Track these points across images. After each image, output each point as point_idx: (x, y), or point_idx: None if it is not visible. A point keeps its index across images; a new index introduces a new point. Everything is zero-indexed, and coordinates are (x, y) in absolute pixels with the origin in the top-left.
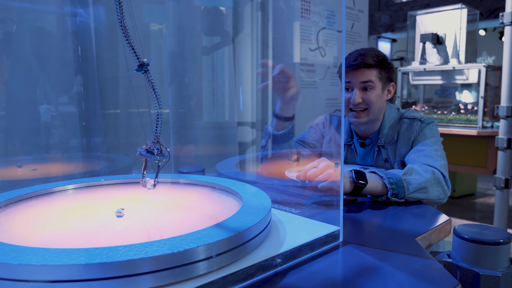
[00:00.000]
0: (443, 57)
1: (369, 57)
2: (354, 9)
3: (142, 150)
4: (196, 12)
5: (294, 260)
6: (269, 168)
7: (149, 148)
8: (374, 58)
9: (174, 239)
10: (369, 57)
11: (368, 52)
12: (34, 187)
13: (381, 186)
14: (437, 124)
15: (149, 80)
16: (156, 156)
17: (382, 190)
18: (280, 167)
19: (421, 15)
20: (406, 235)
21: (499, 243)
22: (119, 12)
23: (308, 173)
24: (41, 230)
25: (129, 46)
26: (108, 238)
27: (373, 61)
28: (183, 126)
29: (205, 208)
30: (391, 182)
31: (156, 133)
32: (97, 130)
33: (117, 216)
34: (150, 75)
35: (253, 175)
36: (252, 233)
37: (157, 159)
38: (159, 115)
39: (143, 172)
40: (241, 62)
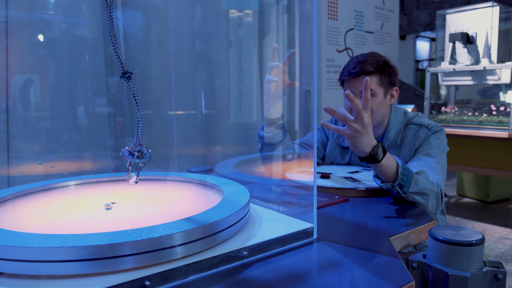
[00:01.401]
0: (474, 57)
1: (368, 64)
2: (384, 9)
3: (125, 152)
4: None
5: (262, 253)
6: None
7: (131, 150)
8: (374, 64)
9: (144, 228)
10: (368, 64)
11: (367, 59)
12: (42, 182)
13: (394, 171)
14: (445, 133)
15: (130, 87)
16: (135, 158)
17: (393, 175)
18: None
19: (451, 14)
20: (382, 234)
21: (471, 244)
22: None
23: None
24: (39, 219)
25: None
26: (94, 227)
27: (373, 68)
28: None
29: (189, 203)
30: (404, 173)
31: (138, 136)
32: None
33: (106, 209)
34: (132, 83)
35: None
36: (220, 226)
37: (136, 161)
38: (139, 120)
39: (128, 169)
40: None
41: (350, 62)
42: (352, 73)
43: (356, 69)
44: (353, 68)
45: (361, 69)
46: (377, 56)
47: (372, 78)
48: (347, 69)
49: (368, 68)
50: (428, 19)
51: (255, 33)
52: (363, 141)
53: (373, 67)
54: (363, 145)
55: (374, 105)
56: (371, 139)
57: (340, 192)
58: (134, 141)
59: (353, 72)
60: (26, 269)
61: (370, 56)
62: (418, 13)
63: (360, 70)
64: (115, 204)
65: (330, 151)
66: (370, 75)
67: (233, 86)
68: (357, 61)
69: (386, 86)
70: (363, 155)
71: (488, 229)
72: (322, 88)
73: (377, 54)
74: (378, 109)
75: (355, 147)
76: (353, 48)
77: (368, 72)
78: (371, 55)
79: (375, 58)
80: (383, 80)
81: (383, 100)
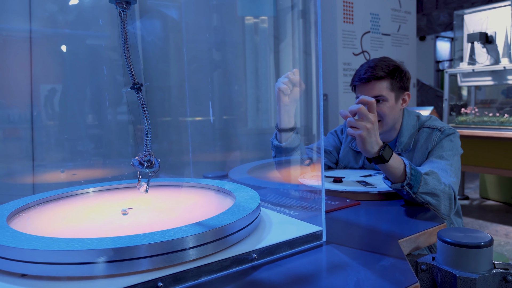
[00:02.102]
0: (493, 57)
1: (379, 69)
2: (401, 10)
3: (135, 161)
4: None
5: (271, 256)
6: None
7: (141, 160)
8: (384, 69)
9: (157, 232)
10: (379, 69)
11: (378, 64)
12: (64, 189)
13: (401, 171)
14: (458, 136)
15: (139, 99)
16: (144, 168)
17: (401, 175)
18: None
19: (469, 14)
20: (391, 237)
21: (479, 246)
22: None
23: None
24: (60, 224)
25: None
26: (111, 231)
27: (383, 73)
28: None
29: (201, 208)
30: (412, 173)
31: (146, 146)
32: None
33: (123, 214)
34: (142, 95)
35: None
36: (231, 229)
37: (145, 171)
38: (147, 131)
39: (138, 177)
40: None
41: (361, 68)
42: (363, 78)
43: (367, 74)
44: (363, 74)
45: (371, 75)
46: (388, 61)
47: (383, 83)
48: (358, 74)
49: (378, 73)
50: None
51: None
52: (371, 140)
53: (383, 72)
54: (371, 145)
55: (386, 109)
56: (377, 139)
57: (352, 196)
58: (143, 151)
59: (363, 78)
60: (47, 271)
61: (381, 61)
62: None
63: (371, 76)
64: (131, 209)
65: (344, 156)
66: (381, 80)
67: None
68: (368, 67)
69: (397, 91)
70: (371, 155)
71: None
72: (339, 91)
73: (389, 59)
74: (390, 114)
75: (364, 146)
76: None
77: (379, 77)
78: (382, 60)
79: (386, 63)
80: (394, 85)
81: (394, 105)
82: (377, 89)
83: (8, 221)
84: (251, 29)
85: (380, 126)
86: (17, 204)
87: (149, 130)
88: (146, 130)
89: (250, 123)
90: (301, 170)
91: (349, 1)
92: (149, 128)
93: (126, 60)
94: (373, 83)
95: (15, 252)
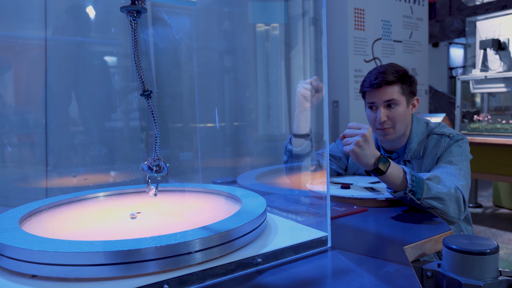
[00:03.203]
0: (507, 64)
1: (389, 74)
2: (412, 17)
3: (144, 166)
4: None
5: (276, 260)
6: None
7: (150, 165)
8: (394, 74)
9: (164, 236)
10: (389, 74)
11: (388, 69)
12: (75, 194)
13: (402, 179)
14: (467, 142)
15: (149, 105)
16: (153, 173)
17: (402, 184)
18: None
19: (481, 21)
20: (396, 243)
21: (484, 253)
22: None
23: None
24: (70, 227)
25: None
26: (119, 234)
27: (394, 77)
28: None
29: (208, 213)
30: (413, 180)
31: (155, 151)
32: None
33: (131, 218)
34: (152, 101)
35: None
36: (236, 234)
37: (154, 175)
38: (156, 136)
39: (147, 181)
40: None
41: (371, 74)
42: (374, 84)
43: (378, 79)
44: (374, 79)
45: (383, 79)
46: (396, 66)
47: (394, 88)
48: (368, 80)
49: (389, 77)
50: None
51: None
52: (365, 153)
53: (394, 77)
54: (367, 158)
55: (398, 114)
56: (373, 151)
57: (359, 202)
58: (152, 156)
59: (375, 83)
60: (57, 272)
61: (390, 67)
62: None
63: (382, 81)
64: (140, 213)
65: (353, 162)
66: (392, 85)
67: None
68: (377, 72)
69: (408, 95)
70: (368, 168)
71: None
72: (350, 98)
73: (396, 64)
74: (402, 118)
75: (359, 160)
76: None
77: (390, 81)
78: (391, 66)
79: (395, 68)
80: (404, 89)
81: (406, 109)
82: (389, 93)
83: (20, 224)
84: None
85: (393, 132)
86: (30, 207)
87: (158, 136)
88: (155, 135)
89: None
90: (309, 176)
91: (361, 8)
92: (158, 134)
93: (137, 67)
94: (385, 88)
95: (26, 253)
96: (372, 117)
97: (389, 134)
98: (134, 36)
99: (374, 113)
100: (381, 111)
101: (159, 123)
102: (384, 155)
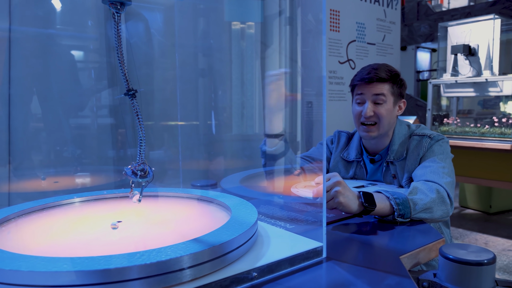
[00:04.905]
0: (476, 69)
1: (382, 71)
2: (386, 20)
3: (128, 171)
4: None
5: (271, 274)
6: (274, 184)
7: (134, 169)
8: (387, 72)
9: (153, 250)
10: (382, 71)
11: (381, 67)
12: (46, 199)
13: (388, 207)
14: (448, 141)
15: (134, 106)
16: (138, 178)
17: (389, 211)
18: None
19: (453, 27)
20: (392, 253)
21: (482, 264)
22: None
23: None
24: (44, 239)
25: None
26: (100, 249)
27: (386, 75)
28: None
29: (195, 221)
30: (398, 203)
31: (140, 154)
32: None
33: (112, 228)
34: (136, 101)
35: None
36: (229, 246)
37: (139, 181)
38: (141, 139)
39: (131, 186)
40: None
41: (363, 69)
42: (366, 78)
43: (370, 75)
44: (367, 74)
45: (375, 75)
46: (390, 66)
47: (385, 85)
48: (360, 75)
49: (382, 74)
50: (429, 30)
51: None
52: (350, 197)
53: (386, 75)
54: (351, 202)
55: (384, 111)
56: (352, 192)
57: None
58: (137, 159)
59: (366, 78)
60: None
61: (384, 66)
62: (419, 24)
63: (374, 76)
64: (121, 222)
65: (334, 165)
66: (383, 83)
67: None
68: (371, 68)
69: (396, 96)
70: (358, 210)
71: (491, 241)
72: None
73: (390, 65)
74: (387, 117)
75: (348, 208)
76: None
77: (382, 79)
78: (385, 65)
79: (389, 68)
80: (394, 89)
81: (392, 109)
82: (379, 88)
83: None
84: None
85: (376, 129)
86: None
87: (143, 138)
88: (140, 138)
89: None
90: (292, 180)
91: (336, 9)
92: (144, 136)
93: (120, 64)
94: (375, 84)
95: None
96: (358, 111)
97: (372, 130)
98: (117, 30)
99: (360, 107)
100: (368, 105)
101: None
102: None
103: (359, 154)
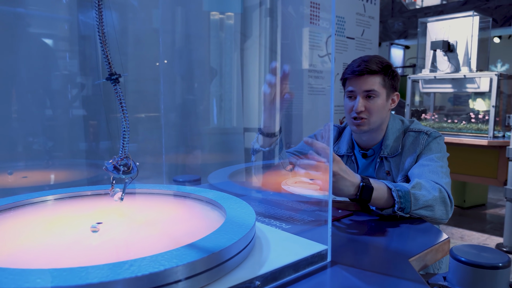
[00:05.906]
0: (454, 65)
1: (373, 64)
2: (365, 15)
3: (109, 166)
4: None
5: (275, 282)
6: (264, 180)
7: (117, 164)
8: (378, 64)
9: (142, 259)
10: (373, 64)
11: (372, 59)
12: (15, 197)
13: (388, 197)
14: (443, 138)
15: (117, 92)
16: (120, 174)
17: (389, 202)
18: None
19: (432, 22)
20: (399, 255)
21: (497, 267)
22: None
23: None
24: (12, 245)
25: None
26: (79, 255)
27: (377, 68)
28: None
29: (186, 223)
30: (400, 195)
31: (124, 148)
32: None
33: (92, 231)
34: (119, 87)
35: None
36: (229, 253)
37: (122, 177)
38: (125, 130)
39: (112, 183)
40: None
41: (354, 62)
42: (356, 71)
43: (361, 67)
44: (357, 67)
45: (365, 68)
46: (381, 58)
47: (376, 78)
48: (351, 68)
49: (372, 67)
50: (403, 27)
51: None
52: (345, 183)
53: (377, 67)
54: (347, 188)
55: (376, 106)
56: (352, 179)
57: (343, 205)
58: (119, 153)
59: (357, 70)
60: None
61: (374, 57)
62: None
63: (365, 69)
64: (101, 224)
65: None
66: (374, 75)
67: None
68: (361, 60)
69: (389, 89)
70: (351, 197)
71: (466, 235)
72: (304, 93)
73: (381, 56)
74: (379, 111)
75: (339, 191)
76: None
77: (373, 71)
78: (376, 57)
79: (380, 59)
80: (386, 81)
81: (385, 103)
82: (370, 83)
83: None
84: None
85: (367, 123)
86: None
87: (127, 130)
88: (124, 129)
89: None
90: (282, 176)
91: (316, 2)
92: (128, 127)
93: (102, 47)
94: (366, 77)
95: None
96: (349, 106)
97: (363, 125)
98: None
99: (351, 102)
100: (359, 100)
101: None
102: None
103: (350, 149)
